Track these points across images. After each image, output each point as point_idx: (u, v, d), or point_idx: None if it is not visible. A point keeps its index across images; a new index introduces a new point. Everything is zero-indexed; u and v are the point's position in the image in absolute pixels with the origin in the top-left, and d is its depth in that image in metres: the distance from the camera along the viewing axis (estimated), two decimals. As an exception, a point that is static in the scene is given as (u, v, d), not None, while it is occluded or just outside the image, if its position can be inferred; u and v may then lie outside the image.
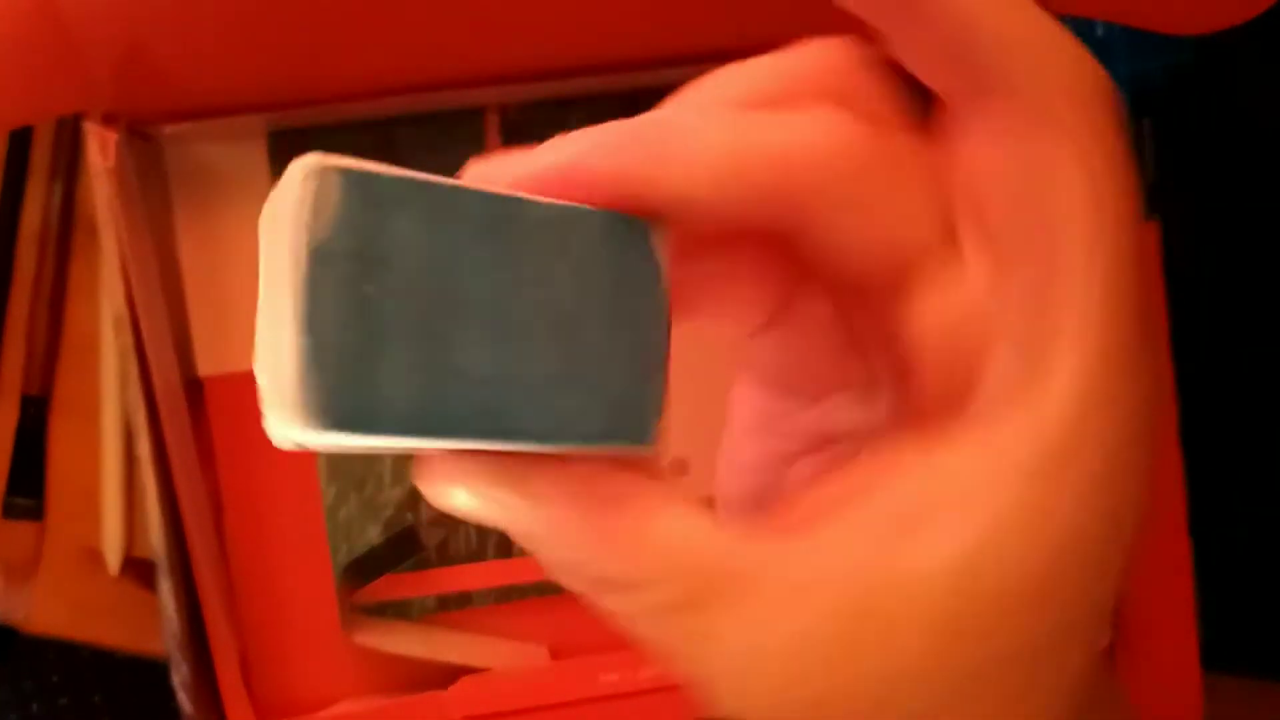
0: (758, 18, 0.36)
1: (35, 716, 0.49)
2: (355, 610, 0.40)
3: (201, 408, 0.40)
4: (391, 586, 0.40)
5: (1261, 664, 0.44)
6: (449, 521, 0.41)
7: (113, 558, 0.45)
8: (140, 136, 0.38)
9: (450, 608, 0.41)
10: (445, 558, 0.41)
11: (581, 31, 0.36)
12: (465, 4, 0.35)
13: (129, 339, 0.35)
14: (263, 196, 0.16)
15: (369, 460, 0.41)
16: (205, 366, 0.40)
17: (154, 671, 0.51)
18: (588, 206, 0.18)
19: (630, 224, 0.18)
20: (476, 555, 0.41)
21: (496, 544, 0.41)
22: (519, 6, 0.35)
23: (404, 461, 0.41)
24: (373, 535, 0.41)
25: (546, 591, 0.41)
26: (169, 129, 0.37)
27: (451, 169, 0.42)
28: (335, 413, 0.15)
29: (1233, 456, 0.44)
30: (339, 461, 0.41)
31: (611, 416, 0.18)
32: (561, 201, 0.18)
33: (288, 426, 0.16)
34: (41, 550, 0.46)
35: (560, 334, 0.17)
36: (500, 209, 0.17)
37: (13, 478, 0.46)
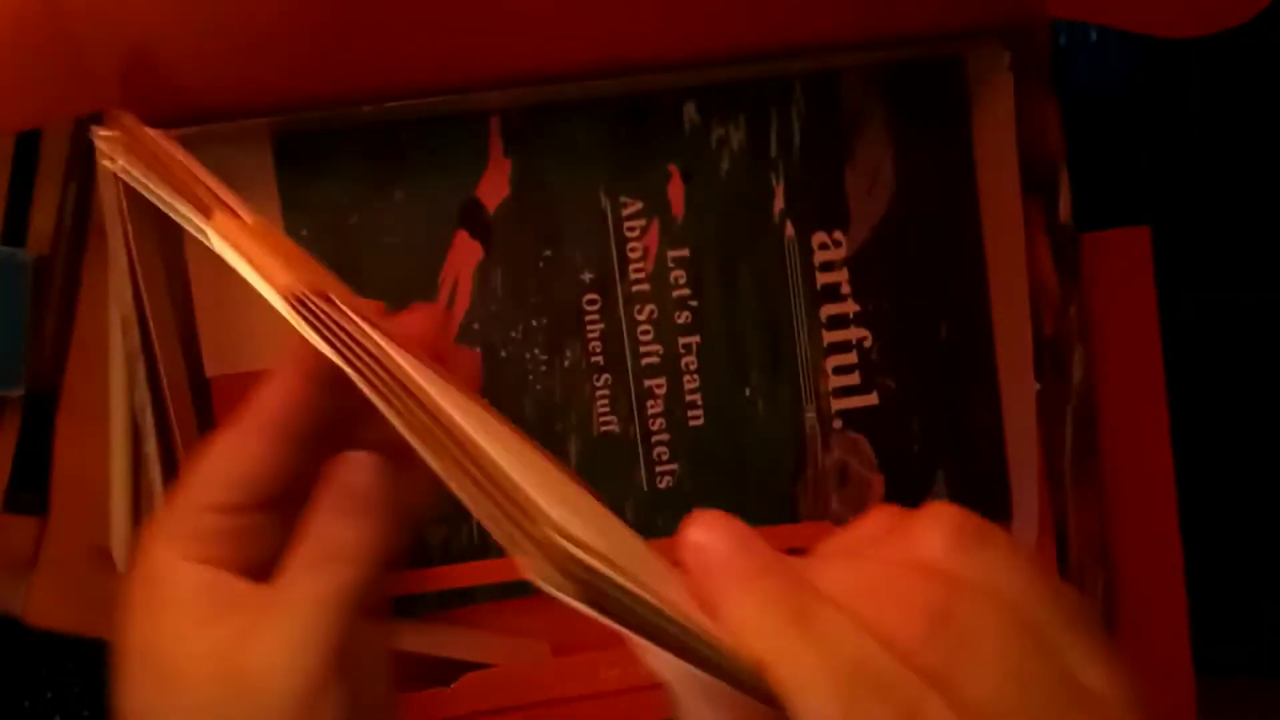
0: (755, 24, 0.36)
1: (49, 705, 0.50)
2: (359, 607, 0.40)
3: (208, 407, 0.40)
4: (395, 583, 0.41)
5: (1255, 665, 0.44)
6: (451, 519, 0.41)
7: (120, 556, 0.45)
8: (148, 140, 0.38)
9: (453, 604, 0.41)
10: (448, 555, 0.41)
11: (583, 36, 0.36)
12: (468, 9, 0.35)
13: (136, 339, 0.36)
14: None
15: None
16: (212, 367, 0.40)
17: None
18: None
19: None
20: (479, 552, 0.41)
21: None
22: (521, 12, 0.35)
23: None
24: (376, 533, 0.41)
25: (548, 589, 0.42)
26: (175, 132, 0.37)
27: (455, 172, 0.43)
28: None
29: (1227, 457, 0.44)
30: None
31: None
32: None
33: None
34: (41, 545, 0.47)
35: None
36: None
37: (16, 472, 0.47)
